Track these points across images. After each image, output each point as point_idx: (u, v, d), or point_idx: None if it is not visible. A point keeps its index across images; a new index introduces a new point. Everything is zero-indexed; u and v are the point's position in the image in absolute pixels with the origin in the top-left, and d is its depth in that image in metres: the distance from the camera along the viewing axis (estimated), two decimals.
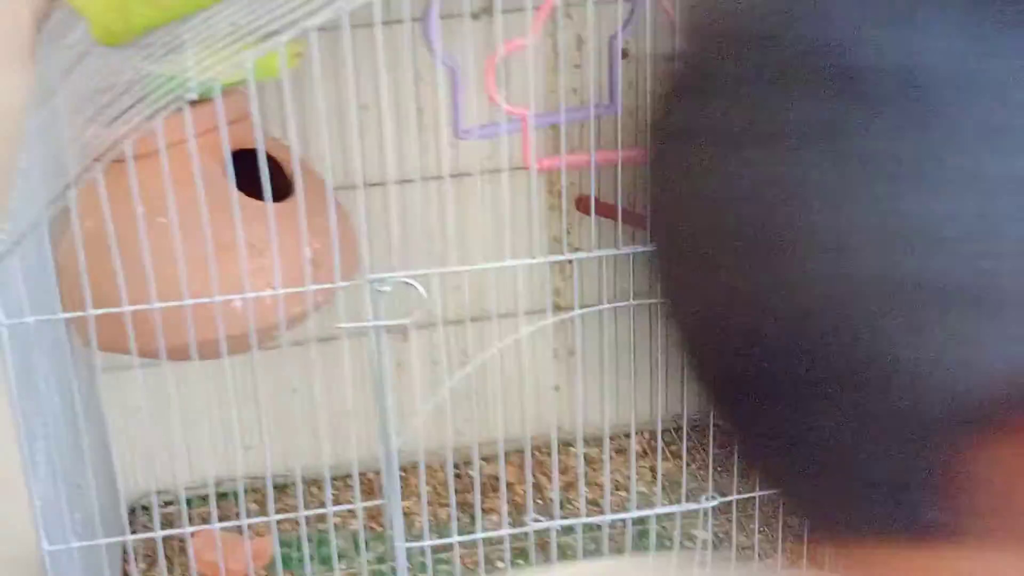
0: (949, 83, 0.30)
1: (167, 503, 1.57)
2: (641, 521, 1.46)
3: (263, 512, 1.52)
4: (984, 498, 0.32)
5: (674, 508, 1.20)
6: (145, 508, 1.57)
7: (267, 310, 1.19)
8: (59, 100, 1.17)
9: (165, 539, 1.48)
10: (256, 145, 1.18)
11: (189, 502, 1.56)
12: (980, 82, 0.30)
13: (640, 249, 1.17)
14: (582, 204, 1.56)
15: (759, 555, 1.45)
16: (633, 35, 1.43)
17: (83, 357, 1.34)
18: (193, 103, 1.03)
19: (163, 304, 1.09)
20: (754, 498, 1.32)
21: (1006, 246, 0.30)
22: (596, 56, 1.28)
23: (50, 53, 1.27)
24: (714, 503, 1.19)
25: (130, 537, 1.24)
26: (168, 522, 1.54)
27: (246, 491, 1.57)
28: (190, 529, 1.26)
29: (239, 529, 1.48)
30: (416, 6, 1.25)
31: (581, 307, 1.49)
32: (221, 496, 1.57)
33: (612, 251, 1.15)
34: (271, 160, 1.28)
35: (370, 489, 1.59)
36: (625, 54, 1.50)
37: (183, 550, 1.49)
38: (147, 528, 1.53)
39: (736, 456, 0.40)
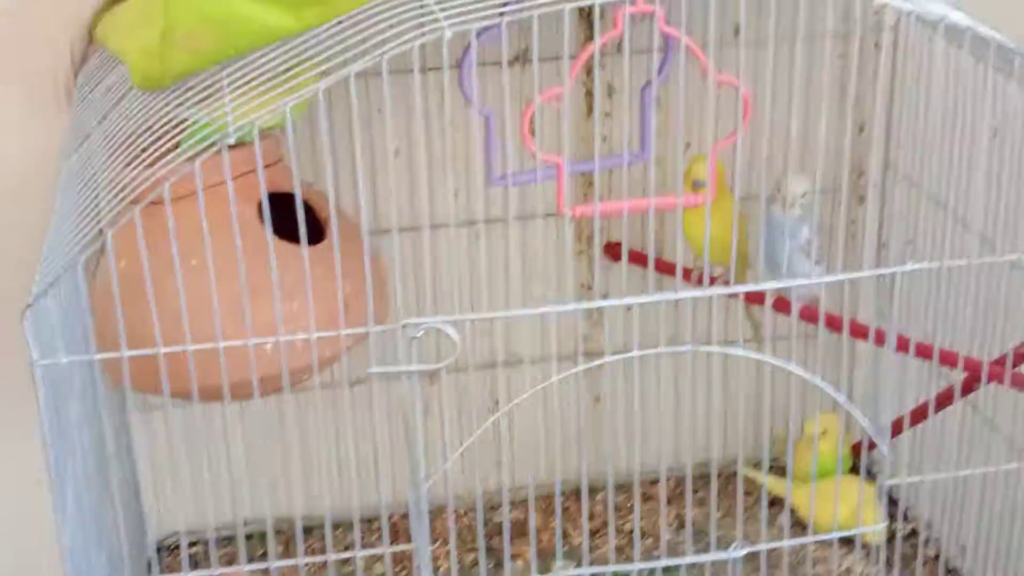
0: None
1: (193, 543, 1.57)
2: (670, 570, 1.45)
3: (290, 554, 1.53)
4: None
5: (704, 557, 1.19)
6: (171, 548, 1.57)
7: (299, 353, 1.20)
8: (95, 142, 1.18)
9: None
10: (292, 189, 1.19)
11: (216, 542, 1.56)
12: None
13: (671, 296, 1.17)
14: (610, 250, 1.56)
15: None
16: (665, 84, 1.44)
17: (114, 397, 1.34)
18: (229, 146, 1.04)
19: (197, 347, 1.10)
20: (781, 548, 1.32)
21: None
22: (628, 104, 1.29)
23: (87, 96, 1.28)
24: (743, 552, 1.18)
25: None
26: (195, 563, 1.54)
27: (275, 533, 1.57)
28: (219, 571, 1.26)
29: (267, 571, 1.48)
30: (452, 53, 1.26)
31: (610, 353, 1.49)
32: (248, 537, 1.57)
33: (645, 298, 1.15)
34: (305, 204, 1.29)
35: (398, 532, 1.59)
36: (657, 103, 1.51)
37: None
38: (173, 569, 1.53)
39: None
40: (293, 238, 1.16)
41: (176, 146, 1.09)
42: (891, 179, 1.53)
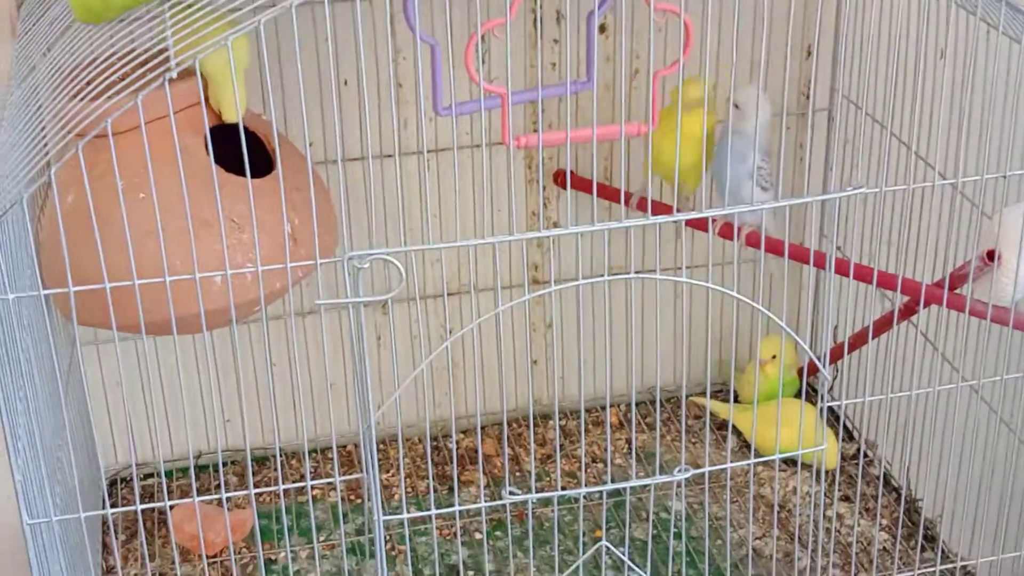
0: None
1: (147, 476, 1.58)
2: (616, 493, 1.47)
3: (243, 485, 1.54)
4: None
5: (648, 480, 1.21)
6: (125, 481, 1.58)
7: (247, 285, 1.20)
8: (39, 76, 1.17)
9: (145, 512, 1.50)
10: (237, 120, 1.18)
11: (169, 475, 1.57)
12: None
13: (615, 225, 1.18)
14: (559, 178, 1.57)
15: (731, 525, 1.47)
16: (611, 11, 1.44)
17: (64, 331, 1.34)
18: (172, 79, 1.03)
19: (143, 280, 1.09)
20: (725, 469, 1.35)
21: None
22: (574, 31, 1.29)
23: (31, 29, 1.27)
24: (687, 475, 1.20)
25: (110, 510, 1.25)
26: (148, 495, 1.55)
27: (226, 464, 1.58)
28: (170, 502, 1.27)
29: (219, 502, 1.49)
30: None
31: (558, 282, 1.50)
32: (201, 469, 1.59)
33: (588, 227, 1.16)
34: (252, 135, 1.28)
35: (350, 462, 1.60)
36: (602, 29, 1.51)
37: (163, 523, 1.50)
38: (127, 501, 1.55)
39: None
40: (242, 170, 1.15)
41: (123, 78, 1.09)
42: (838, 103, 1.55)
